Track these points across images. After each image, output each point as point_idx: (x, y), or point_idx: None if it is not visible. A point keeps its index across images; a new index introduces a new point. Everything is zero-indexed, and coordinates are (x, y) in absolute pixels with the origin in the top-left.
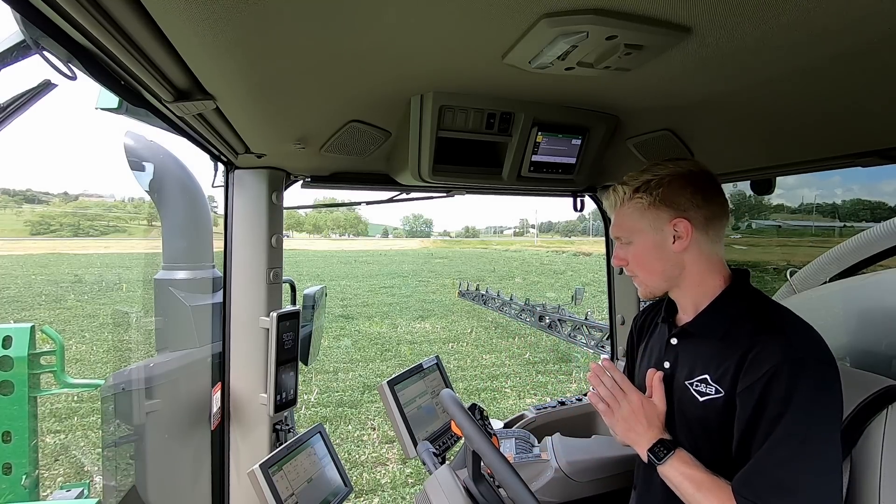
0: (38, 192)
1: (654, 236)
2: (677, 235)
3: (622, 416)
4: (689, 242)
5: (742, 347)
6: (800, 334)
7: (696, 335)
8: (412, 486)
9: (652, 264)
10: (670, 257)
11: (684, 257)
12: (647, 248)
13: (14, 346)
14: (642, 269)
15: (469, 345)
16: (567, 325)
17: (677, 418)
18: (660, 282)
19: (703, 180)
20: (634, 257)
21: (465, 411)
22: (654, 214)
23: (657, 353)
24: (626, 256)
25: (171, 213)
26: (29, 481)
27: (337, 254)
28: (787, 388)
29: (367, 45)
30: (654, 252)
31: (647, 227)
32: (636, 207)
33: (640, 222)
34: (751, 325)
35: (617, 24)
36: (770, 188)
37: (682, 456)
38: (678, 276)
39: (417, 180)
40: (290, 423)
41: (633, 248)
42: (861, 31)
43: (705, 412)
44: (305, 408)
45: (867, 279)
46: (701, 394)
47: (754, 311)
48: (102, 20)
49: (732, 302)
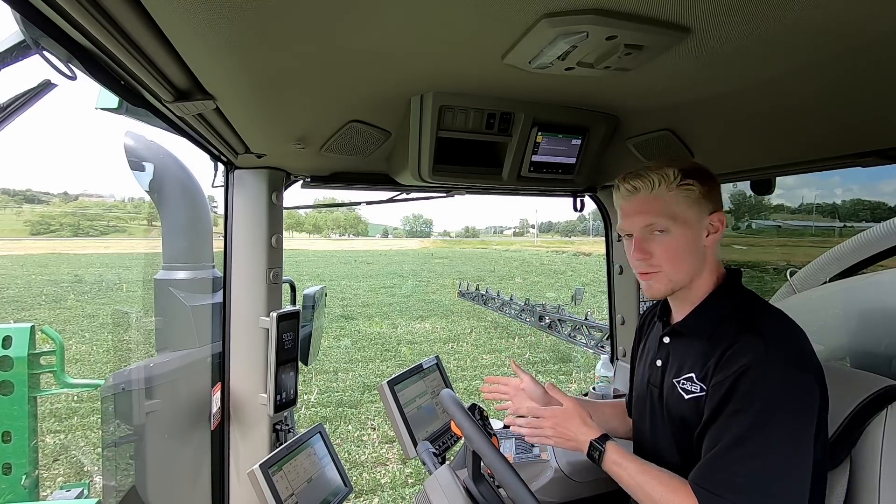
0: (38, 192)
1: (696, 228)
2: (713, 230)
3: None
4: (717, 238)
5: (722, 347)
6: (778, 336)
7: (686, 334)
8: (412, 486)
9: (685, 258)
10: (700, 252)
11: (707, 254)
12: (686, 239)
13: (14, 346)
14: (672, 263)
15: (469, 345)
16: (567, 325)
17: (666, 416)
18: (685, 277)
19: (717, 180)
20: (668, 249)
21: (465, 411)
22: (703, 205)
23: (652, 351)
24: (655, 249)
25: (171, 213)
26: (29, 481)
27: (337, 254)
28: (752, 387)
29: (367, 45)
30: (692, 244)
31: (693, 218)
32: (687, 194)
33: (688, 211)
34: (735, 325)
35: (617, 24)
36: (770, 188)
37: (615, 448)
38: (698, 273)
39: (417, 180)
40: (290, 423)
41: (667, 238)
42: (861, 31)
43: (689, 410)
44: (305, 408)
45: (867, 279)
46: (687, 392)
47: (741, 311)
48: (102, 20)
49: (721, 302)
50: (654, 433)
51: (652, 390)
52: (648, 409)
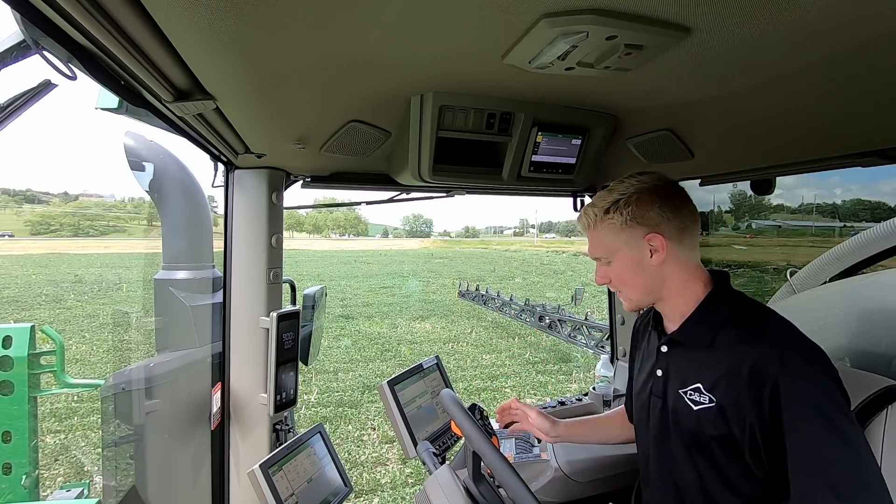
0: (38, 192)
1: (631, 254)
2: (654, 250)
3: None
4: (666, 255)
5: (728, 356)
6: (785, 338)
7: (684, 344)
8: (412, 486)
9: (633, 280)
10: (650, 271)
11: (664, 269)
12: (627, 265)
13: (14, 346)
14: (625, 286)
15: (469, 345)
16: (567, 325)
17: (672, 427)
18: (643, 296)
19: (670, 192)
20: (616, 275)
21: (465, 411)
22: (629, 233)
23: (651, 360)
24: (608, 275)
25: (171, 213)
26: (29, 481)
27: (337, 254)
28: (790, 401)
29: (367, 45)
30: (635, 268)
31: (623, 246)
32: (609, 228)
33: (615, 242)
34: (735, 331)
35: (617, 24)
36: (770, 188)
37: None
38: (661, 288)
39: (417, 180)
40: (290, 423)
41: (613, 266)
42: (861, 31)
43: (699, 421)
44: (305, 408)
45: (867, 279)
46: (695, 403)
47: (737, 316)
48: (102, 20)
49: (715, 308)
50: (661, 444)
51: (654, 400)
52: (654, 419)
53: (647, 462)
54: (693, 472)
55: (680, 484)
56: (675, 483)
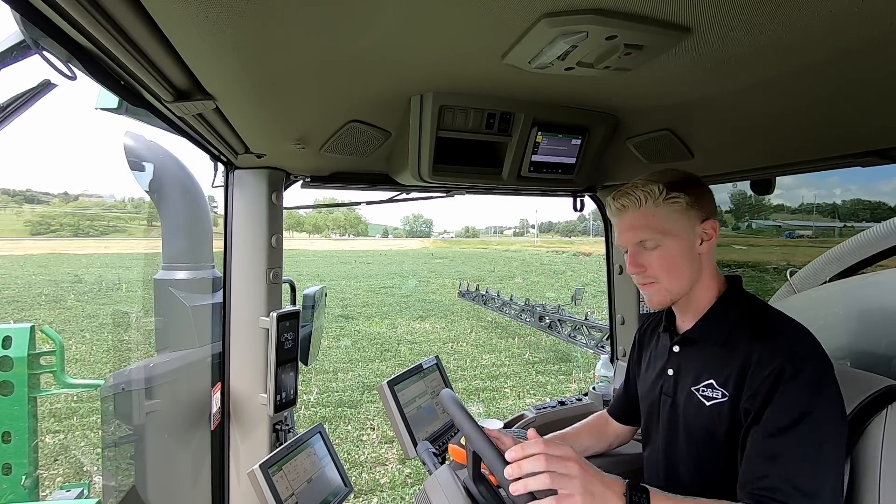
0: (38, 192)
1: (688, 238)
2: (706, 237)
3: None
4: (712, 245)
5: (742, 353)
6: (797, 336)
7: (699, 341)
8: (412, 486)
9: (681, 268)
10: (696, 260)
11: (703, 259)
12: (680, 250)
13: (14, 346)
14: (669, 274)
15: (469, 345)
16: (567, 325)
17: (681, 427)
18: (684, 286)
19: (706, 185)
20: (662, 261)
21: (465, 411)
22: (693, 214)
23: (661, 362)
24: (648, 262)
25: (171, 213)
26: (29, 481)
27: (337, 254)
28: (791, 385)
29: (366, 45)
30: (686, 254)
31: (683, 229)
32: (675, 207)
33: (677, 223)
34: (749, 330)
35: (617, 24)
36: (770, 188)
37: (658, 494)
38: (697, 280)
39: (417, 180)
40: (290, 423)
41: (660, 251)
42: (861, 31)
43: (711, 417)
44: (305, 408)
45: (867, 279)
46: (708, 398)
47: (752, 316)
48: (102, 20)
49: (731, 307)
50: (670, 445)
51: (665, 400)
52: (664, 420)
53: (656, 462)
54: (701, 470)
55: (688, 482)
56: (683, 481)
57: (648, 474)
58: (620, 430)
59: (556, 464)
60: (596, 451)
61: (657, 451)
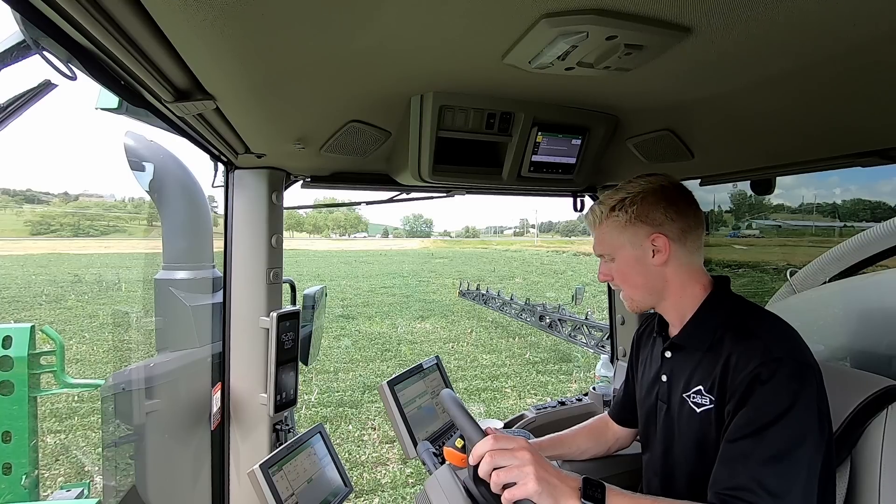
0: (38, 192)
1: (634, 252)
2: (656, 250)
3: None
4: (669, 256)
5: (723, 357)
6: (775, 336)
7: (686, 347)
8: (412, 486)
9: (634, 279)
10: (652, 271)
11: (665, 270)
12: (628, 263)
13: (14, 346)
14: (626, 284)
15: (469, 345)
16: (567, 324)
17: (676, 435)
18: (644, 295)
19: (676, 194)
20: (618, 273)
21: (464, 411)
22: (632, 231)
23: (656, 366)
24: (610, 272)
25: (171, 213)
26: (29, 481)
27: (337, 254)
28: (764, 388)
29: (367, 45)
30: (636, 267)
31: (626, 244)
32: (614, 226)
33: (618, 239)
34: (731, 333)
35: (617, 24)
36: (770, 188)
37: (614, 490)
38: (662, 289)
39: (417, 180)
40: (291, 423)
41: (615, 264)
42: (861, 31)
43: (702, 424)
44: (306, 408)
45: (867, 279)
46: (698, 405)
47: (733, 318)
48: (102, 20)
49: (714, 312)
50: (667, 452)
51: (661, 406)
52: (661, 427)
53: (654, 468)
54: (699, 479)
55: (685, 490)
56: (680, 489)
57: (647, 478)
58: (621, 432)
59: (505, 457)
60: (595, 454)
61: (656, 458)
